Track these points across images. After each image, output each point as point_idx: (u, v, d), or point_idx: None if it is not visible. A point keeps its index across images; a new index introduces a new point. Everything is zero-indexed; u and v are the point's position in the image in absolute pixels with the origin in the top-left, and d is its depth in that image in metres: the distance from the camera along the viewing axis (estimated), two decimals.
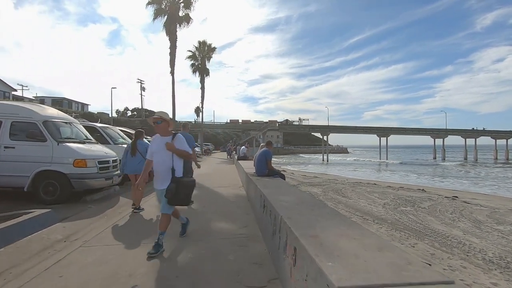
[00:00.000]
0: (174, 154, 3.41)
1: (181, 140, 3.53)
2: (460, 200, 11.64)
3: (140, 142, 6.00)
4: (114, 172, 7.21)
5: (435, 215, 8.67)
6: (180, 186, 3.35)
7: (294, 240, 2.12)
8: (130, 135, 11.87)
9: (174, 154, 3.41)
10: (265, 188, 4.52)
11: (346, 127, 64.48)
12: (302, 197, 3.68)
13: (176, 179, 3.37)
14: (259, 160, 6.73)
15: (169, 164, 3.40)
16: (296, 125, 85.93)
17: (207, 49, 38.69)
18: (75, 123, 7.52)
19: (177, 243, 3.79)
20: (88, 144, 7.09)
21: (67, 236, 4.14)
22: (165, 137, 3.51)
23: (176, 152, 3.42)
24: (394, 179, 22.37)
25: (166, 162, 3.41)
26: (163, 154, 3.43)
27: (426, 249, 5.69)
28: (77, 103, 57.14)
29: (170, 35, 19.93)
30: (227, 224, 4.71)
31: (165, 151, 3.40)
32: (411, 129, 65.27)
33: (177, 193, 3.31)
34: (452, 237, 6.50)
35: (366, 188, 14.41)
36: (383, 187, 15.45)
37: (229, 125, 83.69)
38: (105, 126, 9.97)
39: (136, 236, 4.11)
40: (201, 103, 41.40)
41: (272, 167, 6.72)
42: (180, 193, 3.36)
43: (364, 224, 7.11)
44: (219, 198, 7.19)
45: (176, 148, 3.40)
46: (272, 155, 6.78)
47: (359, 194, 12.13)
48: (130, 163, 5.82)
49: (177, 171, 3.43)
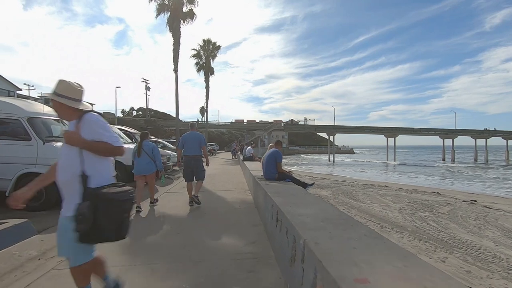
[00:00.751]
0: (81, 149, 1.90)
1: (93, 124, 1.95)
2: (479, 204, 10.84)
3: (146, 143, 6.02)
4: None
5: (457, 221, 7.92)
6: (100, 205, 1.82)
7: (331, 284, 1.46)
8: (130, 135, 11.34)
9: (82, 150, 1.90)
10: (277, 196, 3.81)
11: (352, 127, 63.52)
12: (325, 210, 2.96)
13: (92, 193, 1.85)
14: (267, 162, 6.04)
15: (75, 169, 1.88)
16: (302, 125, 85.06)
17: (212, 47, 38.18)
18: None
19: (169, 264, 3.09)
20: None
21: (43, 252, 3.49)
22: (72, 123, 2.01)
23: (84, 145, 1.89)
24: (404, 181, 21.58)
25: (70, 165, 1.90)
26: (65, 153, 1.96)
27: (459, 265, 4.96)
28: None
29: (174, 31, 19.30)
30: (231, 239, 3.99)
31: (68, 148, 1.93)
32: (419, 129, 63.82)
33: (96, 220, 1.79)
34: (484, 249, 5.76)
35: (378, 191, 13.66)
36: (395, 189, 14.68)
37: (234, 125, 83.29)
38: None
39: (127, 252, 3.44)
40: (206, 102, 40.93)
41: (282, 169, 6.03)
42: (102, 218, 1.81)
43: (383, 233, 6.40)
44: (222, 204, 6.50)
45: (81, 138, 1.88)
46: (282, 157, 6.09)
47: (371, 198, 11.40)
48: (137, 164, 5.93)
49: (93, 179, 1.90)
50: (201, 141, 6.29)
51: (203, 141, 6.38)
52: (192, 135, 6.23)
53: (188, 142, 6.18)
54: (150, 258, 3.19)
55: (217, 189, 8.64)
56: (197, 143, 6.21)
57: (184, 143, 6.23)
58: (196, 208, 6.01)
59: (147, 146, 5.97)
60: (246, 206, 6.20)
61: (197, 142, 6.21)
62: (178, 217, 5.36)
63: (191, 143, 6.17)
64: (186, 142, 6.20)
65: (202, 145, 6.30)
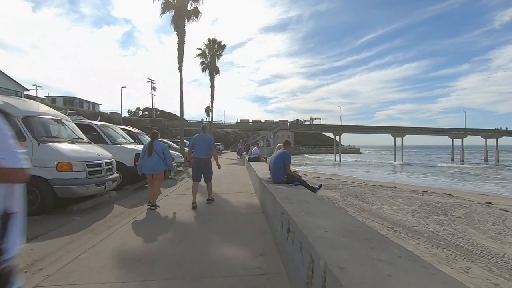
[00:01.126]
0: None
1: None
2: (495, 207, 10.33)
3: (157, 143, 6.10)
4: (108, 176, 6.29)
5: (475, 226, 7.46)
6: None
7: None
8: (133, 135, 11.04)
9: None
10: (287, 202, 3.43)
11: (359, 127, 62.69)
12: (345, 220, 2.57)
13: None
14: (275, 163, 5.67)
15: None
16: (308, 124, 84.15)
17: (217, 46, 37.84)
18: (65, 120, 6.61)
19: (166, 281, 2.73)
20: (79, 144, 6.18)
21: (31, 264, 3.18)
22: None
23: None
24: (413, 181, 21.04)
25: None
26: None
27: (485, 276, 4.55)
28: (88, 102, 57.21)
29: (178, 30, 18.97)
30: (237, 250, 3.59)
31: None
32: (428, 128, 62.63)
33: None
34: (508, 258, 5.33)
35: (388, 192, 13.22)
36: (405, 190, 14.21)
37: (239, 124, 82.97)
38: (104, 125, 9.10)
39: (120, 267, 3.09)
40: (211, 102, 40.59)
41: (291, 172, 5.65)
42: None
43: (398, 240, 6.00)
44: (227, 209, 6.12)
45: None
46: (291, 158, 5.72)
47: (382, 199, 10.97)
48: (147, 163, 5.96)
49: None
50: (210, 143, 6.32)
51: (213, 144, 6.41)
52: (203, 137, 6.29)
53: (198, 144, 6.24)
54: (145, 273, 2.84)
55: (222, 191, 8.31)
56: (206, 145, 6.27)
57: (194, 144, 6.28)
58: (200, 213, 5.68)
59: (157, 146, 6.06)
60: (252, 211, 5.84)
61: (206, 144, 6.27)
62: (180, 223, 5.01)
63: (201, 145, 6.23)
64: (196, 144, 6.25)
65: (211, 148, 6.35)
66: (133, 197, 7.73)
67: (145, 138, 11.99)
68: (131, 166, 8.33)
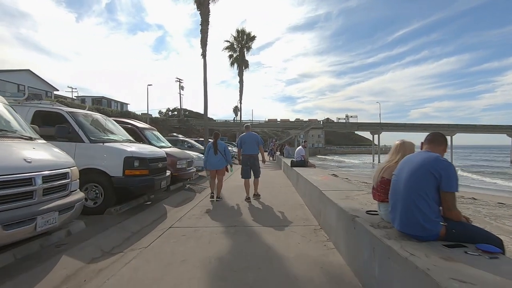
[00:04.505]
0: None
1: None
2: None
3: (219, 142, 6.82)
4: None
5: None
6: None
7: None
8: (134, 129, 8.26)
9: None
10: None
11: (400, 125, 56.63)
12: None
13: None
14: (411, 188, 2.17)
15: None
16: (342, 122, 78.69)
17: (246, 38, 34.95)
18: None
19: None
20: None
21: None
22: None
23: None
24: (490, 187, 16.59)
25: None
26: None
27: None
28: (116, 102, 56.83)
29: (201, 8, 15.98)
30: None
31: None
32: (482, 126, 54.95)
33: None
34: None
35: (476, 207, 9.37)
36: (494, 205, 10.17)
37: (268, 124, 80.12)
38: (83, 113, 6.18)
39: None
40: (240, 99, 37.87)
41: (459, 215, 2.18)
42: None
43: None
44: (269, 280, 2.72)
45: None
46: (456, 177, 2.24)
47: (481, 219, 7.20)
48: (212, 160, 6.72)
49: None
50: (258, 140, 6.89)
51: (260, 141, 6.98)
52: (250, 136, 6.85)
53: (247, 142, 6.77)
54: None
55: (260, 223, 5.00)
56: (254, 142, 6.81)
57: (243, 143, 6.82)
58: (201, 270, 2.42)
59: (220, 145, 6.76)
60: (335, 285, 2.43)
61: (254, 141, 6.81)
62: None
63: (249, 143, 6.77)
64: (245, 142, 6.79)
65: (259, 144, 6.90)
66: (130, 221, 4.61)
67: (156, 135, 9.20)
68: (117, 177, 5.33)
